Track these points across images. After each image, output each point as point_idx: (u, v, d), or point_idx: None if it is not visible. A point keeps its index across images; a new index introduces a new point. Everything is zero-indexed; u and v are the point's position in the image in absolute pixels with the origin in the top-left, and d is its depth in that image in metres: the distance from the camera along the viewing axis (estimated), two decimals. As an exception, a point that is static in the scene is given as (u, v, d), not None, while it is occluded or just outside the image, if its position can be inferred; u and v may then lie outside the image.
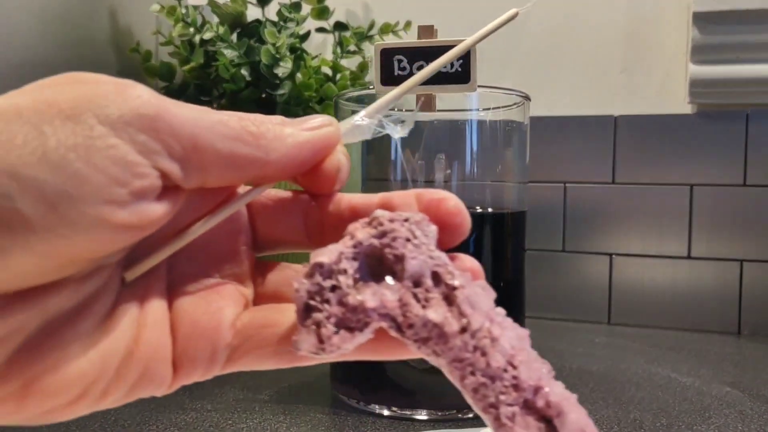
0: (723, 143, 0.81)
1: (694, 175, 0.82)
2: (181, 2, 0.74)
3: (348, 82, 0.78)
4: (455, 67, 0.34)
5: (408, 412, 0.53)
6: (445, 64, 0.28)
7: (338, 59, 0.80)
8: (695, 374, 0.65)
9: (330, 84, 0.76)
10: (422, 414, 0.53)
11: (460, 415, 0.52)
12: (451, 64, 0.34)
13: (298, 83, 0.74)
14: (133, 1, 0.79)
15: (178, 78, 0.78)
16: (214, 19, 0.76)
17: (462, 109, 0.55)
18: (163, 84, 0.77)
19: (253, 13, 0.76)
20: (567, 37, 0.87)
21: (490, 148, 0.56)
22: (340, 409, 0.54)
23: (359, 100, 0.57)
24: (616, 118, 0.85)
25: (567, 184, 0.87)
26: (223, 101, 0.76)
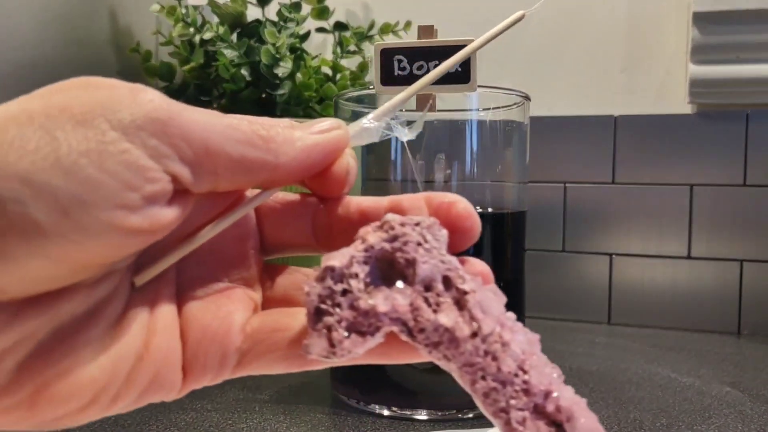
0: (723, 143, 0.81)
1: (694, 175, 0.82)
2: (181, 2, 0.74)
3: (348, 82, 0.78)
4: (455, 67, 0.34)
5: (408, 412, 0.53)
6: (452, 67, 0.28)
7: (338, 59, 0.80)
8: (695, 374, 0.65)
9: (330, 84, 0.76)
10: (422, 414, 0.52)
11: (460, 415, 0.52)
12: (452, 64, 0.34)
13: (298, 83, 0.74)
14: (133, 1, 0.79)
15: (178, 78, 0.77)
16: (214, 19, 0.76)
17: (462, 109, 0.55)
18: (163, 84, 0.77)
19: (253, 13, 0.76)
20: (567, 37, 0.87)
21: (490, 148, 0.56)
22: (340, 409, 0.54)
23: (359, 100, 0.57)
24: (616, 118, 0.85)
25: (567, 184, 0.86)
26: (223, 101, 0.76)
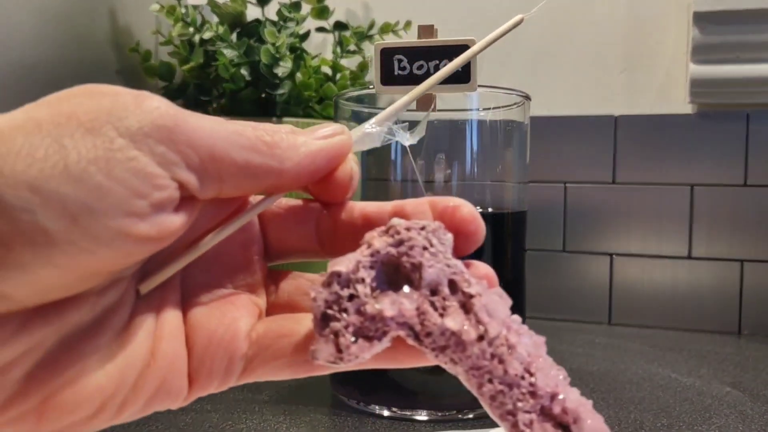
0: (723, 143, 0.81)
1: (695, 175, 0.82)
2: (180, 2, 0.74)
3: (348, 82, 0.78)
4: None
5: (408, 413, 0.53)
6: (454, 70, 0.28)
7: (338, 59, 0.80)
8: (695, 374, 0.65)
9: (330, 84, 0.76)
10: (422, 414, 0.52)
11: (460, 416, 0.52)
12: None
13: (297, 83, 0.74)
14: (133, 1, 0.78)
15: (177, 78, 0.77)
16: (213, 19, 0.76)
17: (462, 109, 0.55)
18: (162, 84, 0.77)
19: (252, 13, 0.76)
20: (567, 37, 0.87)
21: (490, 148, 0.55)
22: (340, 410, 0.54)
23: (359, 100, 0.57)
24: (616, 118, 0.85)
25: (567, 184, 0.86)
26: (223, 101, 0.76)
